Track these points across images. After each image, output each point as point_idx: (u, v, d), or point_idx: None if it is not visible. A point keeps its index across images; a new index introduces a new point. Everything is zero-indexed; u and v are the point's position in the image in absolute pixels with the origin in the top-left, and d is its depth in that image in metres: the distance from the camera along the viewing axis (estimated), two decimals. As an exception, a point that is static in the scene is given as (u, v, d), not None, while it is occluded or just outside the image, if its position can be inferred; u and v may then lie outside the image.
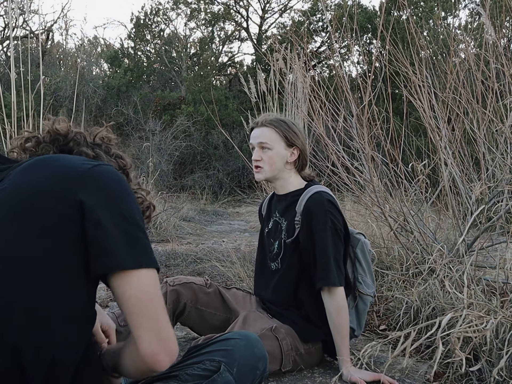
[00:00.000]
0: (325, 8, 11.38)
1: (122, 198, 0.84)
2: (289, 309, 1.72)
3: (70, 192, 0.80)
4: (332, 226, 1.64)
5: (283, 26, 14.31)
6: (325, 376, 1.65)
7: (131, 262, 0.80)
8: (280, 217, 1.79)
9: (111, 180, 0.85)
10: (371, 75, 2.71)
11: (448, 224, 2.97)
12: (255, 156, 1.73)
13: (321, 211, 1.64)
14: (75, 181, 0.82)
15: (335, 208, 1.67)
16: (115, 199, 0.83)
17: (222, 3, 14.14)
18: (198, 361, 1.00)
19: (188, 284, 1.81)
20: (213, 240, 4.82)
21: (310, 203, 1.66)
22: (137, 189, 1.01)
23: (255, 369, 1.05)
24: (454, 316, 1.56)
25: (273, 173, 1.73)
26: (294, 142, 1.71)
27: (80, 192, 0.81)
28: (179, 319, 1.83)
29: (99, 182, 0.83)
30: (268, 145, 1.70)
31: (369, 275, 1.80)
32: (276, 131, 1.70)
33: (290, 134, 1.70)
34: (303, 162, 1.76)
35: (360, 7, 10.89)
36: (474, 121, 2.63)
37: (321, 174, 3.32)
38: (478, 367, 1.46)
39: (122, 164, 1.01)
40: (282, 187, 1.78)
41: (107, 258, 0.79)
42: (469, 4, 10.26)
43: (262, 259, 1.87)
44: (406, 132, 3.00)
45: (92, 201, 0.80)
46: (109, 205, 0.82)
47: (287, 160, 1.72)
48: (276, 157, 1.70)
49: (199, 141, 10.27)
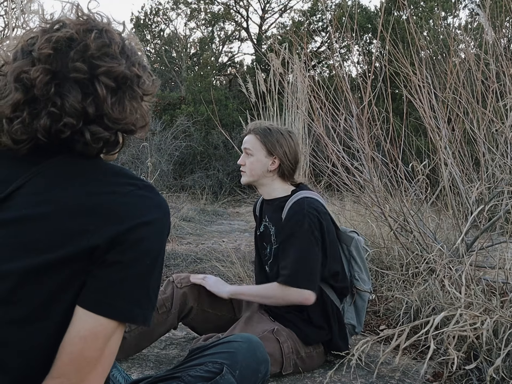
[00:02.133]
0: (325, 8, 11.39)
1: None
2: (291, 312, 1.73)
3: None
4: (308, 229, 1.64)
5: (283, 26, 14.32)
6: (325, 376, 1.65)
7: (92, 305, 0.72)
8: (269, 222, 1.82)
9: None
10: (371, 75, 2.71)
11: (448, 224, 2.97)
12: (239, 160, 1.83)
13: (298, 215, 1.66)
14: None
15: (315, 214, 1.67)
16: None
17: (222, 3, 14.15)
18: (200, 362, 1.00)
19: (195, 286, 1.82)
20: (213, 240, 4.82)
21: (290, 208, 1.70)
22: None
23: (257, 372, 1.05)
24: (449, 315, 1.56)
25: (253, 178, 1.79)
26: (273, 151, 1.75)
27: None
28: (184, 320, 1.83)
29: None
30: (250, 151, 1.78)
31: (365, 272, 1.83)
32: (258, 139, 1.77)
33: (271, 144, 1.75)
34: (286, 171, 1.78)
35: (360, 7, 10.89)
36: (474, 121, 2.63)
37: (321, 174, 3.32)
38: (474, 365, 1.47)
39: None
40: (267, 193, 1.82)
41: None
42: (469, 4, 10.26)
43: (259, 261, 1.89)
44: (406, 132, 3.00)
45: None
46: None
47: (267, 168, 1.77)
48: (256, 163, 1.77)
49: (199, 141, 10.26)
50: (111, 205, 0.72)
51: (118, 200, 0.73)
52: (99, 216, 0.71)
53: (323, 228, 1.67)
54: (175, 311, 1.76)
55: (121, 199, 0.73)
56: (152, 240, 0.74)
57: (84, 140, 0.74)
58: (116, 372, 1.20)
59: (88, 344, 0.69)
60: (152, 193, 0.77)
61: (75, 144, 0.75)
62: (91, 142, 0.74)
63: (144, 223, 0.73)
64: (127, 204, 0.73)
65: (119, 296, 0.71)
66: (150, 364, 1.73)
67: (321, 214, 1.67)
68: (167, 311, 1.75)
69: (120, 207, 0.72)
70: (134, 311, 0.72)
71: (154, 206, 0.76)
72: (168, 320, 1.75)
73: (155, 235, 0.75)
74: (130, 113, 0.76)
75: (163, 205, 0.77)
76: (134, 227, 0.72)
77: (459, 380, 1.57)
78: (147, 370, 1.68)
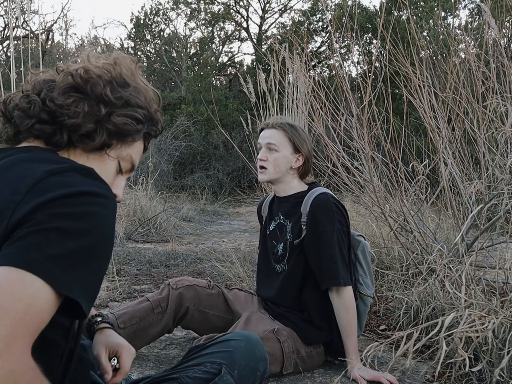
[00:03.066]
0: (325, 8, 11.38)
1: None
2: (291, 312, 1.73)
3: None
4: (339, 227, 1.65)
5: (283, 26, 14.31)
6: (325, 376, 1.65)
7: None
8: (285, 219, 1.79)
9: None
10: (371, 75, 2.71)
11: (448, 224, 2.97)
12: (261, 155, 1.74)
13: (328, 211, 1.65)
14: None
15: (340, 208, 1.69)
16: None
17: (222, 3, 14.14)
18: (199, 363, 0.99)
19: (191, 287, 1.81)
20: (213, 240, 4.82)
21: (316, 203, 1.67)
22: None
23: (255, 371, 1.05)
24: (455, 316, 1.56)
25: (277, 175, 1.74)
26: (301, 148, 1.73)
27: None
28: (181, 322, 1.82)
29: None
30: (275, 147, 1.72)
31: (369, 276, 1.82)
32: (285, 135, 1.72)
33: (298, 140, 1.72)
34: (307, 170, 1.77)
35: (360, 7, 10.89)
36: (474, 121, 2.63)
37: (321, 174, 3.32)
38: (480, 367, 1.46)
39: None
40: (283, 190, 1.79)
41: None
42: (469, 4, 10.26)
43: (266, 260, 1.87)
44: (406, 132, 3.00)
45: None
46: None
47: (291, 165, 1.74)
48: (281, 159, 1.72)
49: (199, 141, 10.26)
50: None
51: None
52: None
53: (348, 225, 1.71)
54: (170, 311, 1.75)
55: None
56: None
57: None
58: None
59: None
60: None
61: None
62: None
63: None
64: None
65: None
66: (150, 364, 1.73)
67: (345, 211, 1.71)
68: (163, 311, 1.74)
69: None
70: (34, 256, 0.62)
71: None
72: (163, 320, 1.74)
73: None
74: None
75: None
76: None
77: (459, 380, 1.57)
78: (147, 370, 1.68)
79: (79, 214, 0.67)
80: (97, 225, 0.68)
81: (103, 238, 0.69)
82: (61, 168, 0.73)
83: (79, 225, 0.66)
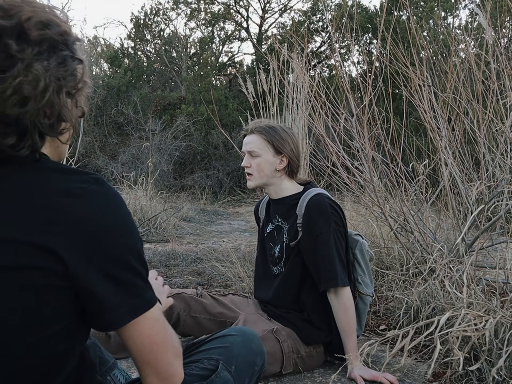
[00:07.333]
0: (325, 8, 11.38)
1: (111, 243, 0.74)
2: (291, 312, 1.72)
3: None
4: (336, 228, 1.65)
5: (283, 26, 14.32)
6: (325, 376, 1.65)
7: (126, 316, 0.76)
8: (282, 221, 1.79)
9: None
10: (371, 75, 2.71)
11: (448, 224, 2.97)
12: (244, 162, 1.75)
13: (323, 212, 1.65)
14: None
15: (336, 209, 1.68)
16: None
17: (222, 3, 14.14)
18: (196, 359, 0.99)
19: (179, 295, 1.80)
20: (213, 240, 4.82)
21: (311, 205, 1.67)
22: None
23: (253, 365, 1.04)
24: (453, 315, 1.56)
25: (263, 180, 1.75)
26: (282, 149, 1.72)
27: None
28: (176, 330, 1.79)
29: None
30: (256, 153, 1.72)
31: (368, 275, 1.81)
32: (264, 139, 1.72)
33: (278, 142, 1.72)
34: (294, 169, 1.76)
35: (360, 7, 10.89)
36: (474, 121, 2.63)
37: (321, 174, 3.32)
38: (477, 366, 1.46)
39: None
40: (276, 192, 1.79)
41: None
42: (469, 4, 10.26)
43: (264, 262, 1.86)
44: (406, 132, 3.00)
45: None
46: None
47: (276, 167, 1.73)
48: (264, 164, 1.72)
49: (199, 141, 10.26)
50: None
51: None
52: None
53: (345, 225, 1.71)
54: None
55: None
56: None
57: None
58: (117, 371, 1.19)
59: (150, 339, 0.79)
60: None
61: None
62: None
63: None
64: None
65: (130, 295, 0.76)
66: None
67: (342, 212, 1.70)
68: None
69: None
70: (147, 294, 0.78)
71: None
72: None
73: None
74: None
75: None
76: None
77: (459, 380, 1.57)
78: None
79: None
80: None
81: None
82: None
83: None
